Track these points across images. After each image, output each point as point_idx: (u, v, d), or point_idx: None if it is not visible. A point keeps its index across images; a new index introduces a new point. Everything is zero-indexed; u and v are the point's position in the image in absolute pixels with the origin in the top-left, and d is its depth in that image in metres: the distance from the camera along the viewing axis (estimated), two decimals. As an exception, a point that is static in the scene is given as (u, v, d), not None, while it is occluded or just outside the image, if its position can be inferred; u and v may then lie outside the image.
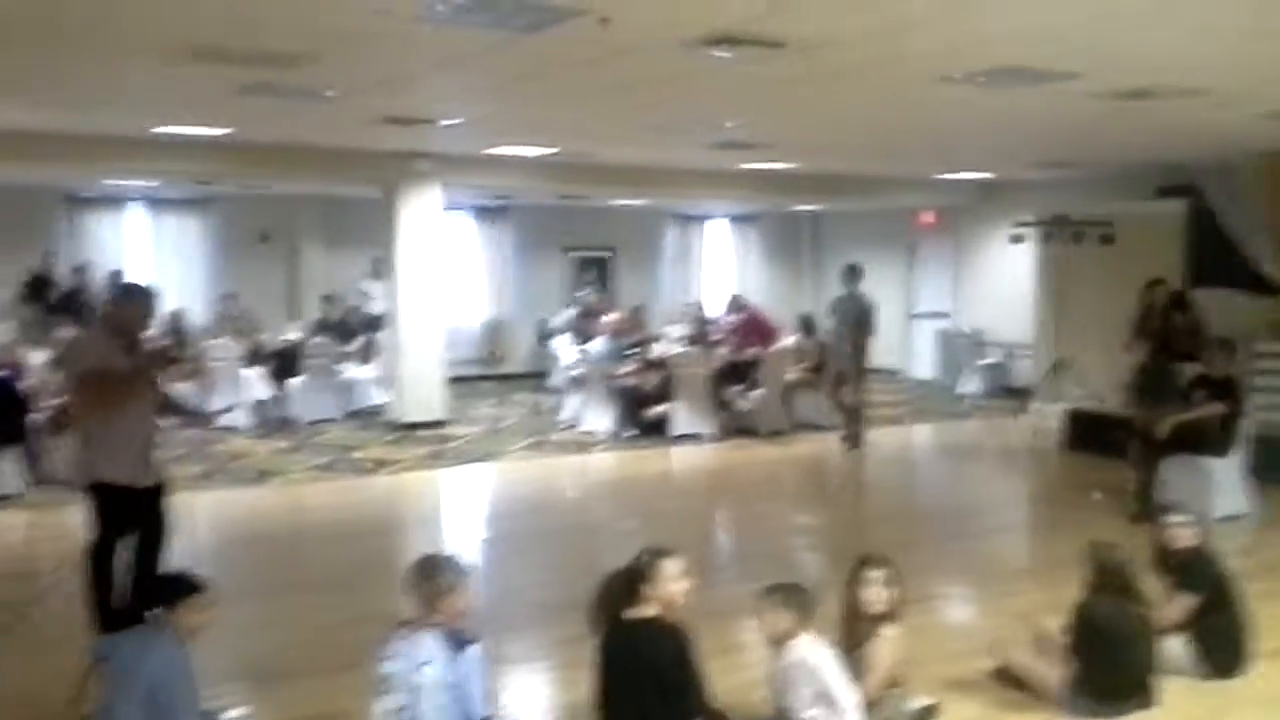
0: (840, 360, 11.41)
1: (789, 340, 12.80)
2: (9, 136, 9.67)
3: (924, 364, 16.77)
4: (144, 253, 14.72)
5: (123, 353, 5.38)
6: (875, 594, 4.34)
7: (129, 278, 12.94)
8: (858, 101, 7.56)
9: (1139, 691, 4.65)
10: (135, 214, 14.76)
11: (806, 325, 12.89)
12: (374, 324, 13.47)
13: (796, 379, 12.38)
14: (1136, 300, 9.24)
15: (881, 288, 17.53)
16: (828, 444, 11.53)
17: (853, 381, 11.29)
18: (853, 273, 11.33)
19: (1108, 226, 11.68)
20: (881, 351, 17.10)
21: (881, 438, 11.85)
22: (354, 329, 13.63)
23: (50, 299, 13.12)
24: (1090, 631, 4.63)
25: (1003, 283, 15.00)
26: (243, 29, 5.36)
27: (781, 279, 18.71)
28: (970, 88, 6.66)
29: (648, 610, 3.91)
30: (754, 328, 13.19)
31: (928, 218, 16.48)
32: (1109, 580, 4.70)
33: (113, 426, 5.27)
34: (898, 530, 8.14)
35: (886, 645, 4.31)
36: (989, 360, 15.24)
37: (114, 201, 14.54)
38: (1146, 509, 7.59)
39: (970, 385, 15.15)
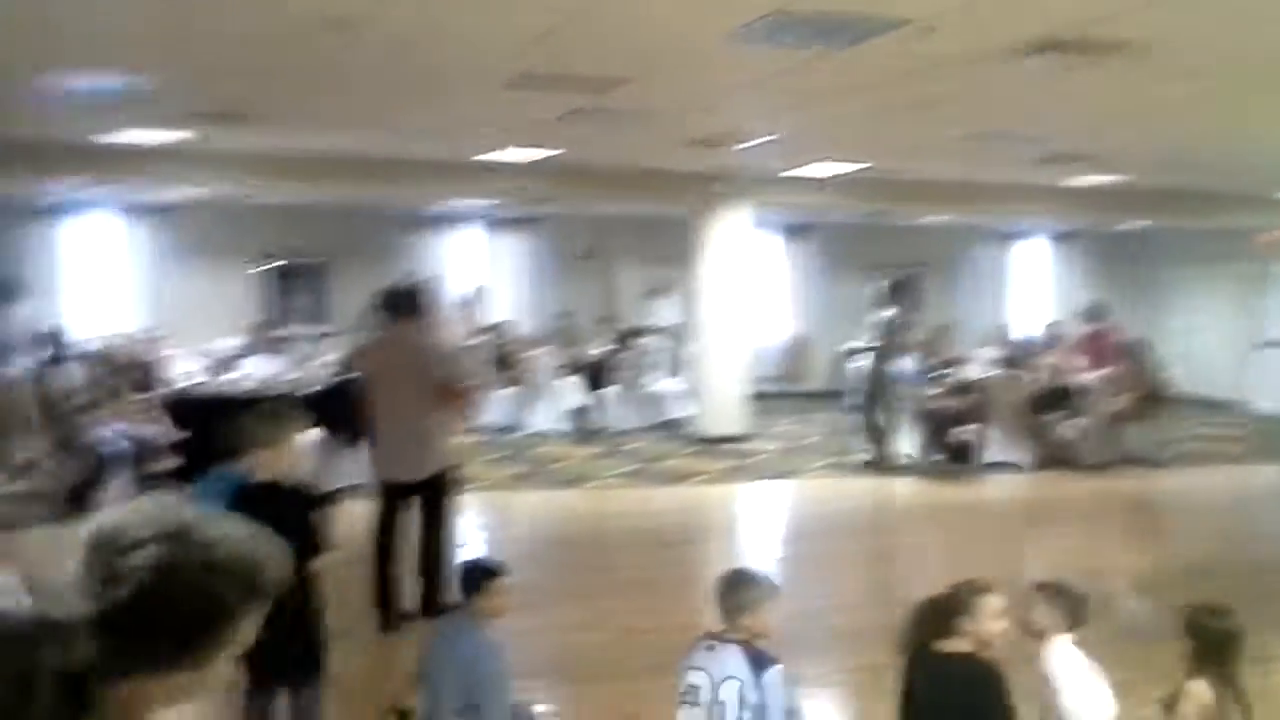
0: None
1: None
2: (371, 163, 10.82)
3: (1271, 396, 15.19)
4: (481, 268, 15.90)
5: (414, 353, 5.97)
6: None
7: (468, 291, 14.17)
8: (1198, 106, 6.98)
9: None
10: (475, 233, 16.01)
11: (1136, 350, 12.02)
12: (634, 337, 13.97)
13: (1126, 407, 11.58)
14: None
15: (1219, 310, 16.18)
16: (1156, 480, 10.68)
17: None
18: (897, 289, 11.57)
19: None
20: (1216, 381, 15.78)
21: (1217, 478, 10.84)
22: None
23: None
24: None
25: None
26: (563, 55, 5.68)
27: (1107, 299, 17.38)
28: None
29: (961, 645, 3.78)
30: (1104, 346, 12.33)
31: (1277, 236, 14.86)
32: None
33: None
34: (1232, 580, 7.40)
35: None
36: (1351, 395, 13.59)
37: (457, 220, 15.84)
38: None
39: (1328, 422, 13.60)
